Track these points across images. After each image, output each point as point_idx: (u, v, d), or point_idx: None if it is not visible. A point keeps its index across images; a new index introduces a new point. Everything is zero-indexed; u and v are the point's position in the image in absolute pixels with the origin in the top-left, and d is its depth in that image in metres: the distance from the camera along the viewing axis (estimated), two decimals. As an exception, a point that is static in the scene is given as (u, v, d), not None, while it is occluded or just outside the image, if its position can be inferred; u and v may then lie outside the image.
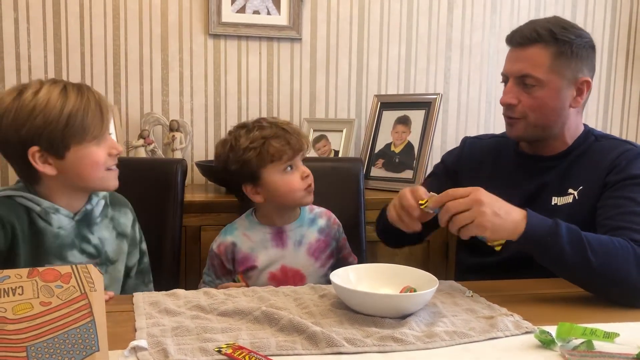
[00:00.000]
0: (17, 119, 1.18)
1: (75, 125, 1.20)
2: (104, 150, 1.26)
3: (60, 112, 1.18)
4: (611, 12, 2.65)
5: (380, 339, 0.94)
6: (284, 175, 1.42)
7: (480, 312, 1.09)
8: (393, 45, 2.47)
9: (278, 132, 1.42)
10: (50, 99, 1.19)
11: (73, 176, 1.24)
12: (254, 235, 1.47)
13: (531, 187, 1.40)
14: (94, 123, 1.22)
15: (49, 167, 1.21)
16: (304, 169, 1.45)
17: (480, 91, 2.57)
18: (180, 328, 0.97)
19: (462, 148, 1.60)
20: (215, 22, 2.27)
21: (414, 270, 1.18)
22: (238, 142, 1.42)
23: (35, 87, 1.20)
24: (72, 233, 1.28)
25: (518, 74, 1.36)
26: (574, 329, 0.93)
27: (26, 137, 1.18)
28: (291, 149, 1.41)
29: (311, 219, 1.52)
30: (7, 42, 2.12)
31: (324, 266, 1.49)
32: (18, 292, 0.80)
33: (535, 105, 1.35)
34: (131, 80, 2.24)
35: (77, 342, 0.78)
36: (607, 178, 1.32)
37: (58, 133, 1.19)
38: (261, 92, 2.37)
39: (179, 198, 1.60)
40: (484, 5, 2.53)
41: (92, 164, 1.24)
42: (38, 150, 1.19)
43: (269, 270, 1.44)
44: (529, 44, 1.34)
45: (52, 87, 1.21)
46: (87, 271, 0.85)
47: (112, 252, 1.34)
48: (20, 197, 1.24)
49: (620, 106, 2.73)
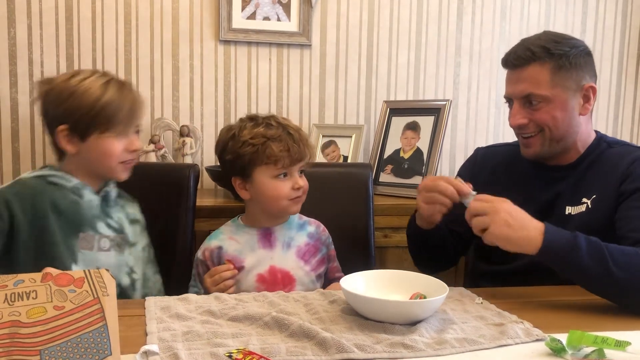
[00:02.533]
0: (59, 96, 1.32)
1: (104, 116, 1.31)
2: (122, 144, 1.36)
3: (95, 101, 1.31)
4: (621, 17, 2.64)
5: (390, 345, 0.94)
6: (274, 181, 1.39)
7: (490, 319, 1.08)
8: (402, 51, 2.47)
9: (282, 135, 1.39)
10: (91, 88, 1.32)
11: (88, 159, 1.36)
12: (240, 238, 1.45)
13: (545, 197, 1.39)
14: (121, 120, 1.34)
15: (70, 146, 1.34)
16: (298, 180, 1.41)
17: (490, 97, 2.56)
18: (191, 333, 0.98)
19: (474, 158, 1.60)
20: (225, 29, 2.28)
21: (423, 276, 1.18)
22: (241, 133, 1.40)
23: (84, 75, 1.34)
24: (99, 208, 1.39)
25: (522, 95, 1.35)
26: (585, 337, 0.93)
27: (61, 114, 1.32)
28: (289, 157, 1.38)
29: (300, 224, 1.50)
30: (20, 48, 2.15)
31: (315, 270, 1.46)
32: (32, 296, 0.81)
33: (547, 119, 1.35)
34: (142, 86, 2.26)
35: (89, 346, 0.79)
36: (621, 187, 1.31)
37: (87, 118, 1.31)
38: (271, 97, 2.37)
39: (191, 203, 1.61)
40: (494, 11, 2.53)
41: (107, 153, 1.34)
42: (66, 128, 1.32)
43: (257, 272, 1.40)
44: (525, 64, 1.35)
45: (99, 78, 1.34)
46: (100, 276, 0.86)
47: (130, 234, 1.44)
48: (52, 176, 1.36)
49: (631, 111, 2.71)
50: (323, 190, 1.69)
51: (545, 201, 1.38)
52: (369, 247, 1.73)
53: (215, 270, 1.37)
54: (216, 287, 1.34)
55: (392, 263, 2.00)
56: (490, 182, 1.47)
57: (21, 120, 2.17)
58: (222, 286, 1.35)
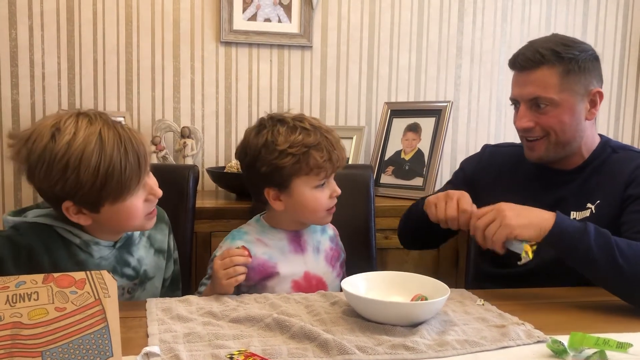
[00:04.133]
0: (49, 173, 1.07)
1: (111, 185, 1.09)
2: (142, 197, 1.17)
3: (95, 172, 1.07)
4: (622, 21, 2.65)
5: (391, 347, 0.94)
6: (314, 191, 1.30)
7: (491, 321, 1.08)
8: (403, 52, 2.47)
9: (322, 142, 1.28)
10: (85, 153, 1.06)
11: (109, 225, 1.18)
12: (268, 240, 1.35)
13: (549, 201, 1.39)
14: (131, 178, 1.11)
15: (83, 217, 1.14)
16: (335, 187, 1.34)
17: (491, 99, 2.56)
18: (192, 334, 0.98)
19: (481, 155, 1.60)
20: (226, 30, 2.28)
21: (425, 278, 1.17)
22: (276, 140, 1.27)
23: (68, 132, 1.08)
24: (112, 261, 1.23)
25: (529, 97, 1.35)
26: (586, 338, 0.93)
27: (59, 192, 1.10)
28: (332, 166, 1.29)
29: (322, 228, 1.45)
30: (21, 49, 2.15)
31: (339, 276, 1.42)
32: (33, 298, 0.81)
33: (554, 123, 1.34)
34: (143, 87, 2.26)
35: (91, 348, 0.79)
36: (626, 191, 1.31)
37: (92, 194, 1.10)
38: (272, 99, 2.38)
39: (191, 204, 1.61)
40: (495, 13, 2.53)
41: (129, 216, 1.16)
42: (72, 204, 1.12)
43: (293, 279, 1.33)
44: (534, 67, 1.33)
45: (87, 133, 1.08)
46: (101, 277, 0.86)
47: (150, 269, 1.30)
48: (60, 227, 1.18)
49: (632, 114, 2.72)
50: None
51: (548, 205, 1.38)
52: (370, 248, 1.73)
53: (228, 253, 1.23)
54: (224, 270, 1.20)
55: (393, 264, 2.00)
56: (494, 183, 1.47)
57: (22, 122, 2.17)
58: (232, 271, 1.20)
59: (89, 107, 2.19)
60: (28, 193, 2.19)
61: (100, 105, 2.22)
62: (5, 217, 1.20)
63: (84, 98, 2.22)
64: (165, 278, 1.36)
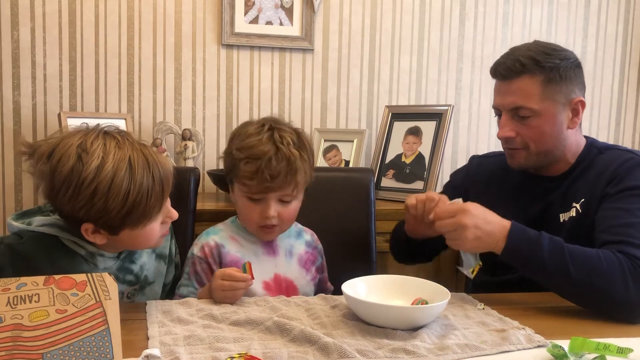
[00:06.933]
0: (75, 197, 1.05)
1: (137, 212, 1.09)
2: (160, 220, 1.17)
3: (124, 200, 1.05)
4: (623, 25, 2.65)
5: (391, 350, 0.94)
6: (246, 201, 1.31)
7: (491, 325, 1.08)
8: (404, 56, 2.47)
9: (266, 157, 1.24)
10: (115, 181, 1.04)
11: (122, 245, 1.19)
12: (242, 240, 1.37)
13: (537, 207, 1.39)
14: (154, 205, 1.11)
15: (99, 237, 1.13)
16: (268, 210, 1.28)
17: (491, 103, 2.56)
18: (192, 337, 0.98)
19: (469, 167, 1.60)
20: (228, 33, 2.29)
21: (425, 282, 1.18)
22: (237, 137, 1.31)
23: (97, 156, 1.04)
24: (115, 270, 1.23)
25: (510, 107, 1.34)
26: (586, 343, 0.93)
27: (82, 216, 1.08)
28: (258, 185, 1.26)
29: (297, 232, 1.46)
30: (23, 51, 2.15)
31: (313, 280, 1.43)
32: (34, 300, 0.81)
33: (534, 134, 1.33)
34: (144, 89, 2.26)
35: (92, 350, 0.79)
36: (606, 189, 1.30)
37: (117, 220, 1.08)
38: (273, 101, 2.38)
39: (192, 206, 1.61)
40: (496, 17, 2.54)
41: (146, 239, 1.16)
42: (92, 226, 1.10)
43: (263, 279, 1.34)
44: (514, 76, 1.32)
45: (118, 158, 1.05)
46: (102, 279, 0.86)
47: (151, 274, 1.30)
48: (66, 239, 1.16)
49: (633, 118, 2.72)
50: (324, 195, 1.69)
51: (537, 211, 1.38)
52: (370, 252, 1.73)
53: (231, 276, 1.19)
54: (222, 291, 1.19)
55: (394, 268, 2.00)
56: (483, 194, 1.45)
57: (23, 123, 2.17)
58: (230, 294, 1.19)
59: (90, 109, 2.21)
60: (28, 194, 2.19)
61: (102, 107, 2.23)
62: (9, 222, 1.19)
63: (86, 100, 2.22)
64: (165, 283, 1.36)
